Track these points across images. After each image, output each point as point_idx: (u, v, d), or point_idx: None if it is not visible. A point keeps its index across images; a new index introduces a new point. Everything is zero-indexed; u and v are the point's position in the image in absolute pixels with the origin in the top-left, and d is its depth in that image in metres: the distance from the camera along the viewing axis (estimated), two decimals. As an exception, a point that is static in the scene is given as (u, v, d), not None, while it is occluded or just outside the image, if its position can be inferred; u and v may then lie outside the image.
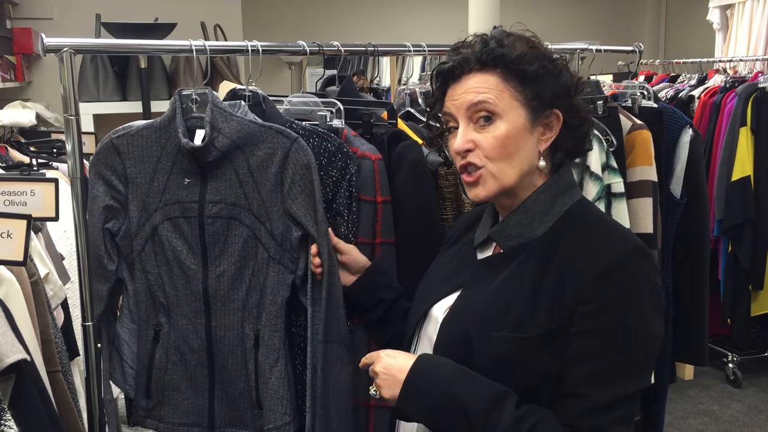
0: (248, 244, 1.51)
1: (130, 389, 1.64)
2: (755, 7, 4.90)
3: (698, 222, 2.28)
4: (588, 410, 1.11)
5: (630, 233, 1.25)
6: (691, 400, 3.72)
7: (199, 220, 1.51)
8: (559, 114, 1.21)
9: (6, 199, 1.56)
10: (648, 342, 1.14)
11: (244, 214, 1.50)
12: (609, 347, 1.11)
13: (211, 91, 1.49)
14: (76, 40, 1.45)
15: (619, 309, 1.11)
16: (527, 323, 1.14)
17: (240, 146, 1.48)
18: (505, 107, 1.18)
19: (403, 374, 1.16)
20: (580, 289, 1.12)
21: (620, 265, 1.13)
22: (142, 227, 1.55)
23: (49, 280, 1.71)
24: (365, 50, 1.71)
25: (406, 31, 5.73)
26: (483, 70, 1.20)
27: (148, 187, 1.53)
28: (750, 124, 3.59)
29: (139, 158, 1.53)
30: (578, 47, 2.17)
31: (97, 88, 3.35)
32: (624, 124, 2.10)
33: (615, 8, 7.22)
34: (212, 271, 1.52)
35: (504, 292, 1.19)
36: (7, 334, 1.28)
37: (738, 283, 3.67)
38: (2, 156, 2.27)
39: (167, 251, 1.53)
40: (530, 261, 1.19)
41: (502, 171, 1.19)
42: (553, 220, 1.22)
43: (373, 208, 1.54)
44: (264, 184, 1.48)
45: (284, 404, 1.53)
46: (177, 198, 1.52)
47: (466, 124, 1.20)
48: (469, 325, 1.19)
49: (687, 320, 2.30)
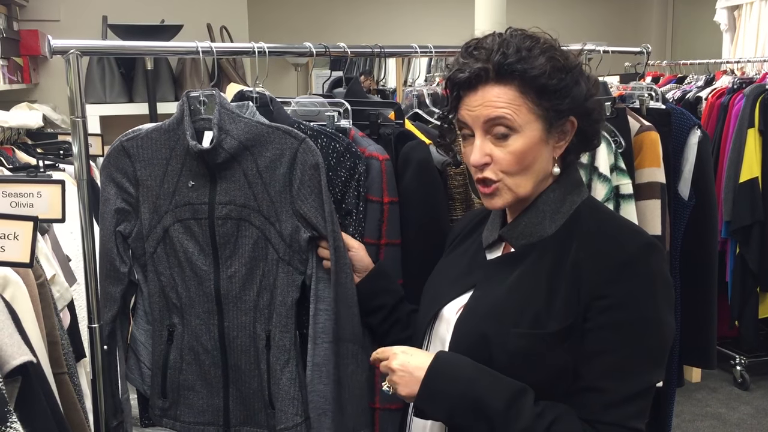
0: (258, 245, 1.51)
1: (149, 389, 1.65)
2: (763, 7, 4.88)
3: (706, 224, 2.26)
4: (607, 405, 1.11)
5: (640, 229, 1.27)
6: (698, 403, 3.70)
7: (210, 221, 1.51)
8: (574, 121, 1.21)
9: (13, 201, 1.56)
10: (664, 335, 1.15)
11: (253, 216, 1.50)
12: (626, 342, 1.12)
13: (219, 92, 1.49)
14: (83, 42, 1.45)
15: (635, 303, 1.12)
16: (545, 319, 1.14)
17: (248, 147, 1.48)
18: (522, 122, 1.17)
19: (421, 372, 1.15)
20: (596, 284, 1.13)
21: (634, 260, 1.14)
22: (153, 229, 1.55)
23: (55, 282, 1.71)
24: (372, 51, 1.71)
25: (412, 32, 5.72)
26: (501, 83, 1.17)
27: (158, 189, 1.54)
28: (758, 126, 3.57)
29: (148, 161, 1.53)
30: (586, 48, 2.16)
31: (103, 90, 3.35)
32: (632, 126, 2.09)
33: (622, 9, 7.21)
34: (224, 272, 1.53)
35: (519, 290, 1.19)
36: (13, 336, 1.28)
37: (746, 285, 3.65)
38: (9, 157, 2.27)
39: (179, 253, 1.54)
40: (544, 259, 1.20)
41: (518, 184, 1.20)
42: (564, 219, 1.22)
43: (379, 209, 1.54)
44: (273, 185, 1.48)
45: (296, 405, 1.53)
46: (187, 200, 1.52)
47: (482, 137, 1.19)
48: (486, 324, 1.19)
49: (695, 323, 2.29)
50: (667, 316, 1.16)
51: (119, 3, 3.70)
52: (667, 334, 1.16)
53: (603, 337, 1.12)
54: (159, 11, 3.66)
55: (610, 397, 1.11)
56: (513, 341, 1.15)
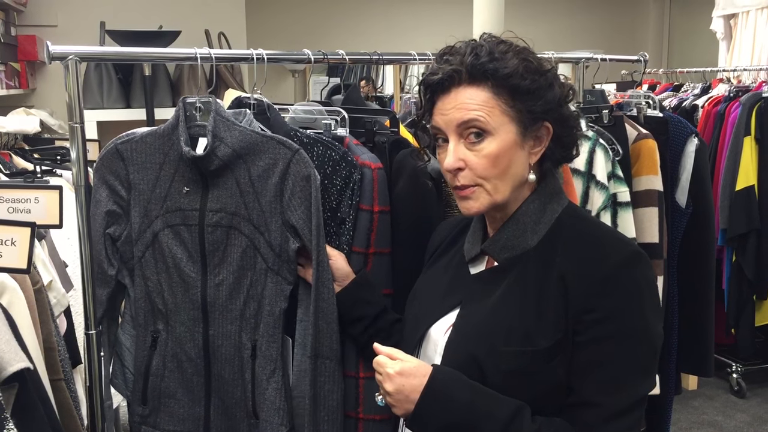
0: (247, 254, 1.50)
1: (131, 395, 1.63)
2: (759, 16, 4.90)
3: (704, 231, 2.27)
4: (604, 419, 1.11)
5: (624, 237, 1.26)
6: (694, 411, 3.70)
7: (200, 228, 1.51)
8: (549, 126, 1.20)
9: (10, 206, 1.56)
10: (653, 343, 1.15)
11: (243, 224, 1.49)
12: (618, 355, 1.12)
13: (216, 99, 1.49)
14: (82, 48, 1.45)
15: (623, 315, 1.12)
16: (535, 336, 1.14)
17: (242, 156, 1.47)
18: (496, 124, 1.16)
19: (416, 395, 1.14)
20: (583, 297, 1.12)
21: (621, 270, 1.13)
22: (143, 233, 1.55)
23: (52, 288, 1.71)
24: (370, 59, 1.71)
25: (410, 39, 5.73)
26: (473, 84, 1.17)
27: (150, 194, 1.53)
28: (754, 134, 3.59)
29: (142, 164, 1.53)
30: (584, 56, 2.17)
31: (101, 96, 3.35)
32: (630, 134, 2.09)
33: (618, 17, 7.24)
34: (211, 280, 1.52)
35: (506, 307, 1.18)
36: (10, 343, 1.27)
37: (742, 292, 3.66)
38: (6, 163, 2.27)
39: (167, 258, 1.53)
40: (528, 272, 1.19)
41: (495, 188, 1.18)
42: (546, 229, 1.21)
43: (369, 218, 1.52)
44: (264, 194, 1.48)
45: (281, 415, 1.51)
46: (178, 205, 1.52)
47: (456, 141, 1.18)
48: (475, 345, 1.18)
49: (692, 330, 2.29)
50: (654, 323, 1.16)
51: (117, 9, 3.71)
52: (656, 342, 1.16)
53: (595, 351, 1.12)
54: (157, 17, 3.66)
55: (605, 411, 1.11)
56: (505, 360, 1.14)
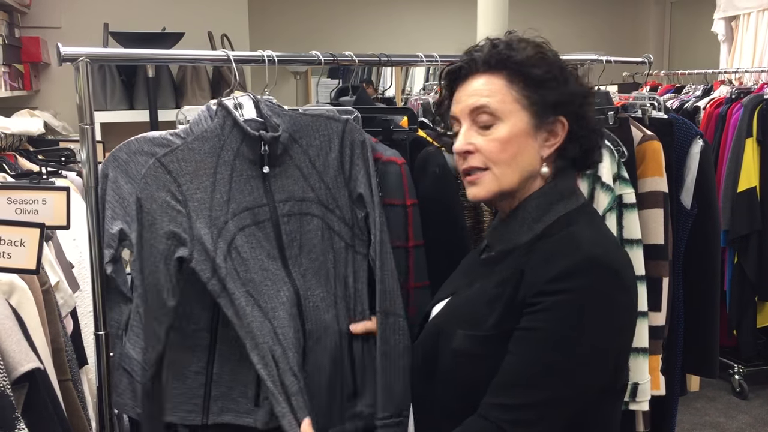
0: (324, 237, 1.48)
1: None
2: (760, 18, 4.91)
3: (708, 233, 2.27)
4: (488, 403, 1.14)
5: (602, 246, 1.20)
6: (697, 412, 3.70)
7: (273, 222, 1.45)
8: (564, 122, 1.21)
9: (17, 207, 1.56)
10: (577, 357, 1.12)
11: (314, 207, 1.48)
12: (532, 349, 1.13)
13: (253, 94, 1.52)
14: (93, 50, 1.44)
15: (556, 316, 1.11)
16: (481, 322, 1.18)
17: (296, 139, 1.48)
18: (507, 110, 1.19)
19: None
20: (530, 293, 1.14)
21: (570, 273, 1.12)
22: (216, 245, 1.41)
23: (59, 289, 1.71)
24: (378, 60, 1.71)
25: (413, 41, 5.72)
26: (489, 72, 1.21)
27: (210, 201, 1.43)
28: (756, 135, 3.60)
29: (193, 173, 1.43)
30: (590, 58, 2.17)
31: (104, 97, 3.35)
32: (635, 135, 2.10)
33: (620, 18, 7.24)
34: (295, 272, 1.45)
35: (476, 294, 1.23)
36: (20, 343, 1.28)
37: (744, 294, 3.66)
38: (11, 164, 2.27)
39: (249, 262, 1.42)
40: (507, 265, 1.21)
41: (503, 174, 1.20)
42: (542, 227, 1.22)
43: (403, 212, 1.54)
44: (326, 171, 1.49)
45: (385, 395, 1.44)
46: (244, 205, 1.44)
47: (468, 126, 1.22)
48: (442, 323, 1.27)
49: (697, 332, 2.29)
50: (591, 338, 1.12)
51: (120, 10, 3.71)
52: (583, 357, 1.12)
53: (514, 338, 1.14)
54: (160, 19, 3.66)
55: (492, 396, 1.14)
56: (455, 340, 1.20)
